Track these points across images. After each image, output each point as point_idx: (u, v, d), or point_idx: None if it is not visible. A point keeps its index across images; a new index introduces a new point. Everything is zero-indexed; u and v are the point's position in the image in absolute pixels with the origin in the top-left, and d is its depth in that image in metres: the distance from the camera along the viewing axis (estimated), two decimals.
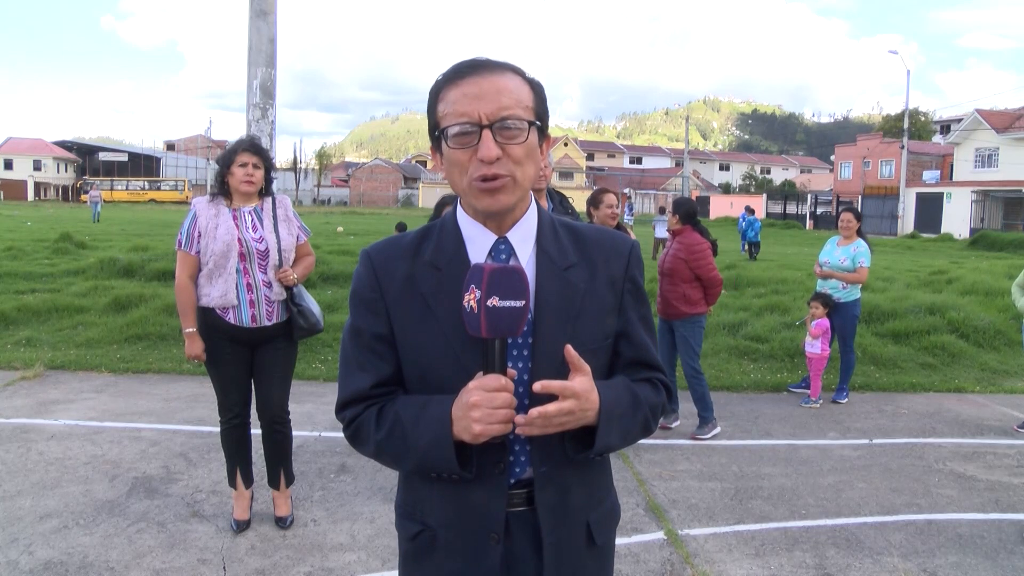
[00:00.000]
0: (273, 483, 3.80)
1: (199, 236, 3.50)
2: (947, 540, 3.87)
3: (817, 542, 3.81)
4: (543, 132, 1.36)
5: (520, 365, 1.33)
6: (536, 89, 1.35)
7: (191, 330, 3.53)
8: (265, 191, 3.65)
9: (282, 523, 3.75)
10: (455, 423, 1.25)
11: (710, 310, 5.72)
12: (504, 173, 1.28)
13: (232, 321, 3.51)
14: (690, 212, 5.62)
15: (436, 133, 1.32)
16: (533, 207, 1.40)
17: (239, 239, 3.48)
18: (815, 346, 6.39)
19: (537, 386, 1.24)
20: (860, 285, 6.58)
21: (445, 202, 3.85)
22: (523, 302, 1.21)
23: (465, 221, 1.38)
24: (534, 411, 1.23)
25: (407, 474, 1.45)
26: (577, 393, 1.24)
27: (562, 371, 1.30)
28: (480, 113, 1.26)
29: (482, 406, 1.21)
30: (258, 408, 3.71)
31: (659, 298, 5.63)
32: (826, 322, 6.39)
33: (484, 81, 1.28)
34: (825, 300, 6.45)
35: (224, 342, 3.56)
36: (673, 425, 5.61)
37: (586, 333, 1.35)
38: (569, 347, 1.27)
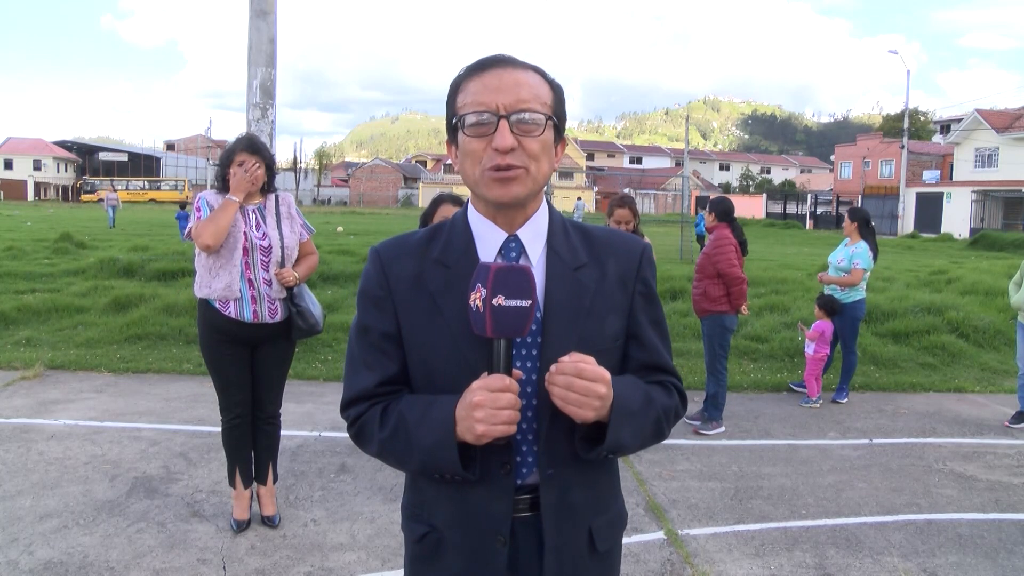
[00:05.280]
0: (260, 478, 3.80)
1: None
2: (947, 540, 3.87)
3: (817, 542, 3.81)
4: (559, 132, 1.35)
5: (528, 365, 1.32)
6: (556, 90, 1.35)
7: (233, 198, 3.43)
8: (268, 187, 3.65)
9: (270, 522, 3.75)
10: (458, 423, 1.24)
11: (744, 311, 5.81)
12: (518, 164, 1.28)
13: (233, 315, 3.50)
14: (726, 210, 5.74)
15: (454, 122, 1.32)
16: (544, 206, 1.39)
17: (244, 233, 3.48)
18: (809, 347, 6.44)
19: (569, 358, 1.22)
20: (863, 287, 6.59)
21: (443, 199, 3.82)
22: (529, 302, 1.20)
23: (476, 219, 1.37)
24: (578, 356, 1.22)
25: (413, 475, 1.45)
26: (607, 379, 1.23)
27: None
28: (498, 104, 1.27)
29: (485, 406, 1.20)
30: (252, 404, 3.72)
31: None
32: (822, 325, 6.42)
33: (505, 74, 1.29)
34: (822, 303, 6.49)
35: (224, 344, 3.55)
36: (712, 432, 5.56)
37: (595, 334, 1.34)
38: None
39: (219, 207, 3.43)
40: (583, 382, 1.21)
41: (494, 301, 1.18)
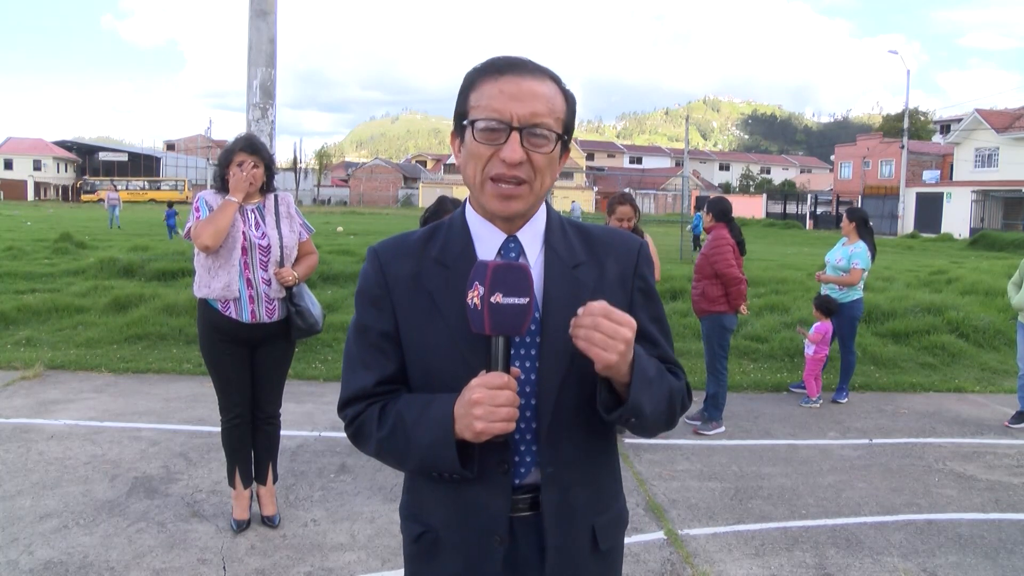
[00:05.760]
0: (260, 478, 3.80)
1: None
2: (947, 540, 3.87)
3: (817, 542, 3.81)
4: (565, 145, 1.35)
5: (527, 364, 1.33)
6: (570, 101, 1.34)
7: (232, 199, 3.43)
8: (267, 187, 3.65)
9: (270, 522, 3.75)
10: (457, 421, 1.24)
11: (744, 311, 5.83)
12: (523, 178, 1.27)
13: (232, 316, 3.50)
14: (723, 210, 5.75)
15: (464, 122, 1.31)
16: (543, 207, 1.40)
17: (243, 233, 3.48)
18: (809, 348, 6.45)
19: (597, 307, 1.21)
20: (861, 286, 6.59)
21: (447, 208, 3.80)
22: (527, 299, 1.19)
23: (474, 219, 1.37)
24: (597, 306, 1.20)
25: (410, 475, 1.45)
26: (634, 325, 1.22)
27: (571, 370, 1.30)
28: (513, 114, 1.25)
29: (484, 404, 1.20)
30: (252, 404, 3.72)
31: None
32: (823, 327, 6.42)
33: (523, 82, 1.27)
34: (819, 304, 6.50)
35: (225, 344, 3.55)
36: (712, 432, 5.56)
37: None
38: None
39: (218, 208, 3.43)
40: (610, 323, 1.19)
41: (492, 299, 1.18)
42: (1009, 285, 6.15)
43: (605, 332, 1.19)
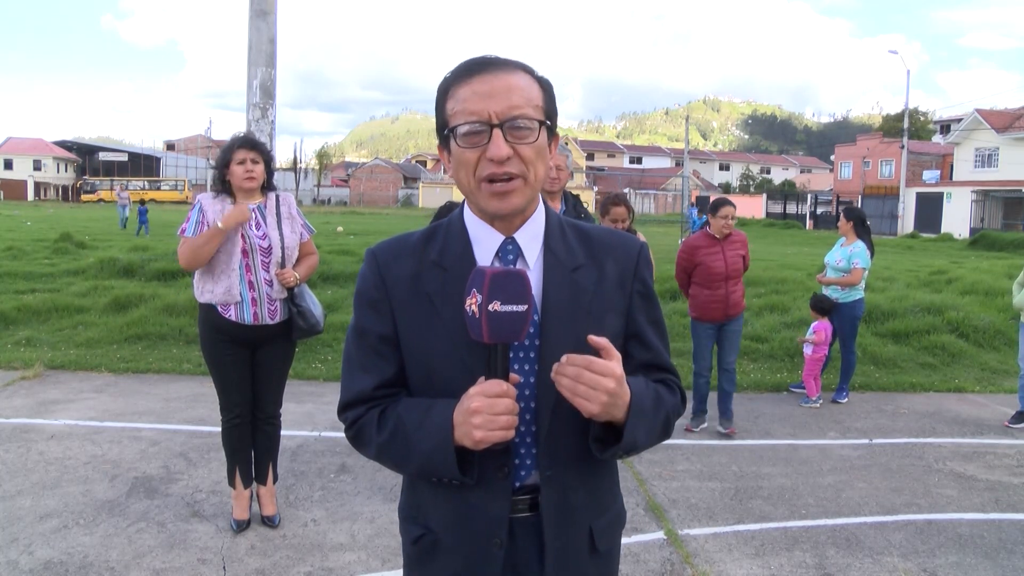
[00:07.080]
0: (260, 478, 3.80)
1: (207, 228, 3.48)
2: (947, 540, 3.87)
3: (817, 542, 3.82)
4: (552, 131, 1.34)
5: (527, 367, 1.32)
6: (546, 88, 1.33)
7: (220, 226, 3.43)
8: (267, 185, 3.64)
9: (270, 522, 3.75)
10: (456, 429, 1.23)
11: None
12: (515, 172, 1.26)
13: (233, 318, 3.50)
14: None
15: (445, 132, 1.30)
16: (541, 207, 1.38)
17: (243, 235, 3.48)
18: (808, 347, 6.45)
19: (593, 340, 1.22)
20: (862, 286, 6.59)
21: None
22: (525, 307, 1.19)
23: (472, 221, 1.36)
24: (579, 357, 1.21)
25: (410, 477, 1.45)
26: (617, 375, 1.22)
27: None
28: (490, 112, 1.24)
29: (483, 412, 1.19)
30: (253, 404, 3.72)
31: (716, 301, 5.50)
32: (820, 325, 6.41)
33: (495, 79, 1.26)
34: (815, 304, 6.50)
35: (226, 343, 3.55)
36: (698, 429, 5.59)
37: (594, 335, 1.32)
38: (593, 338, 1.24)
39: (204, 235, 3.41)
40: (592, 375, 1.20)
41: (490, 307, 1.17)
42: (1015, 285, 6.15)
43: (587, 383, 1.20)
